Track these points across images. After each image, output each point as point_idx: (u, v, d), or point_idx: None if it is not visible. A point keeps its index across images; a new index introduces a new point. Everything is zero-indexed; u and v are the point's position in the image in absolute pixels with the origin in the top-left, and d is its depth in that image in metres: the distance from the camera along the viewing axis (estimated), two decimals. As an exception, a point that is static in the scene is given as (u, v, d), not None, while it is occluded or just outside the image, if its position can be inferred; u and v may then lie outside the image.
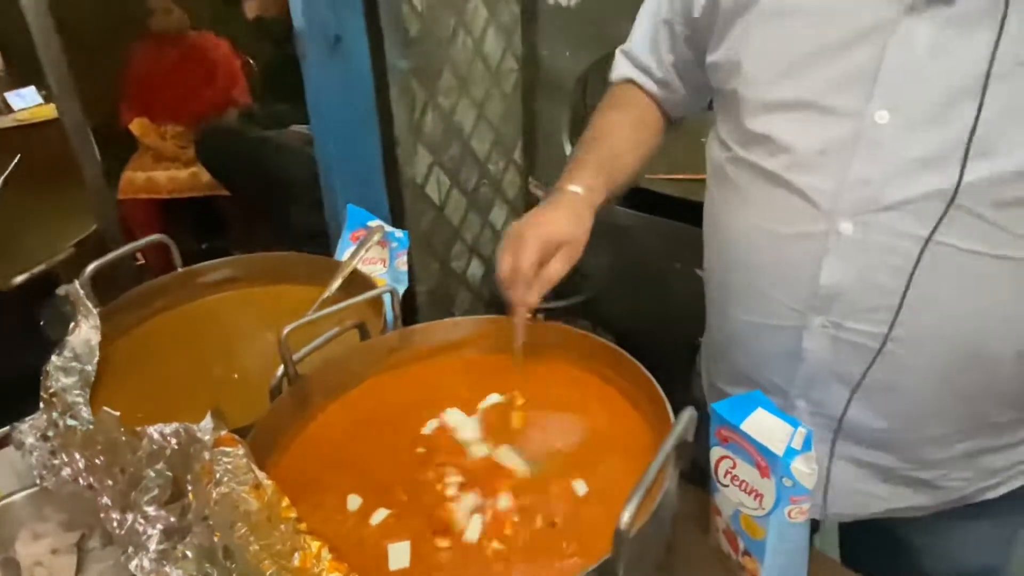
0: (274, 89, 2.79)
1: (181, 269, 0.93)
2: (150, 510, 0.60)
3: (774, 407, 0.61)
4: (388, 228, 1.08)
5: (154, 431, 0.60)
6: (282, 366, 0.63)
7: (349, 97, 1.17)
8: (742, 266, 0.75)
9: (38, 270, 1.04)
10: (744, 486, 0.62)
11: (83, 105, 2.95)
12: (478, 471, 0.60)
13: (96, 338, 0.80)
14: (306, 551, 0.44)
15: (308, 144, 2.19)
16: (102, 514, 0.64)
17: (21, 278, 1.01)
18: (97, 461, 0.66)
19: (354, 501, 0.57)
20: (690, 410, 0.49)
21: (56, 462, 0.71)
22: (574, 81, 1.43)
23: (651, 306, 1.37)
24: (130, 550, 0.61)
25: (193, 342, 0.88)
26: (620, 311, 1.42)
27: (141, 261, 1.64)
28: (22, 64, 3.03)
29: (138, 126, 2.95)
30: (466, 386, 0.70)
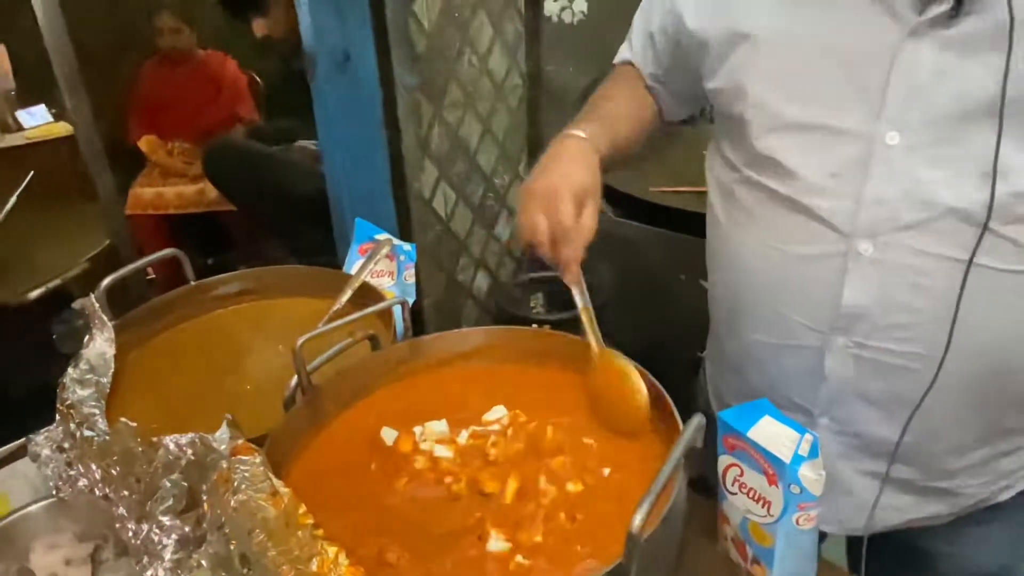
0: (280, 106, 2.82)
1: (193, 283, 0.94)
2: (165, 520, 0.61)
3: (780, 414, 0.62)
4: (396, 241, 1.09)
5: (170, 441, 0.61)
6: (296, 377, 0.64)
7: (357, 113, 1.18)
8: (756, 286, 0.74)
9: (53, 285, 1.05)
10: (752, 494, 0.62)
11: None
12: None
13: (111, 351, 0.80)
14: (323, 556, 0.45)
15: (314, 160, 2.22)
16: (118, 524, 0.65)
17: (36, 293, 1.02)
18: (113, 472, 0.66)
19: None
20: (698, 416, 0.50)
21: (72, 473, 0.72)
22: (577, 96, 1.45)
23: (656, 317, 1.38)
24: (145, 560, 0.61)
25: (205, 354, 0.88)
26: (625, 322, 1.42)
27: (151, 276, 1.65)
28: (32, 82, 3.07)
29: (146, 143, 2.98)
30: (475, 395, 0.70)
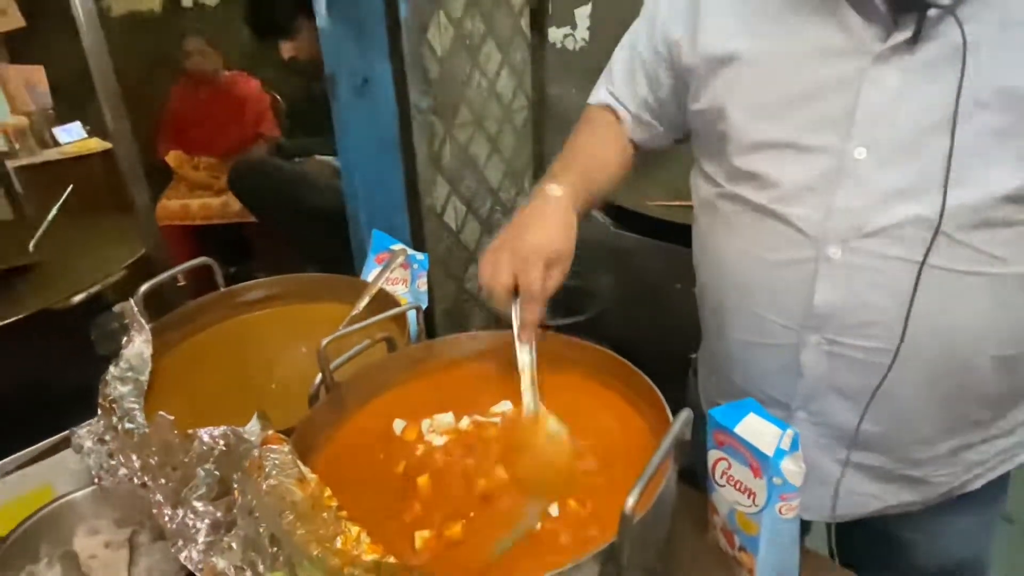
0: (299, 124, 2.86)
1: (223, 289, 0.97)
2: (199, 506, 0.63)
3: (765, 412, 0.64)
4: (410, 251, 1.12)
5: (204, 433, 0.63)
6: (320, 374, 0.67)
7: (374, 133, 1.21)
8: (735, 290, 0.77)
9: (94, 290, 1.08)
10: (739, 486, 0.65)
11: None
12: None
13: (148, 351, 0.83)
14: (347, 535, 0.47)
15: (331, 174, 2.25)
16: (155, 510, 0.66)
17: (79, 297, 1.05)
18: (152, 461, 0.68)
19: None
20: (687, 411, 0.52)
21: (113, 463, 0.74)
22: (578, 117, 1.48)
23: (652, 322, 1.40)
24: (180, 542, 0.64)
25: (234, 355, 0.91)
26: (622, 328, 1.45)
27: (182, 282, 1.69)
28: (68, 101, 3.13)
29: (174, 158, 3.02)
30: (483, 393, 0.72)
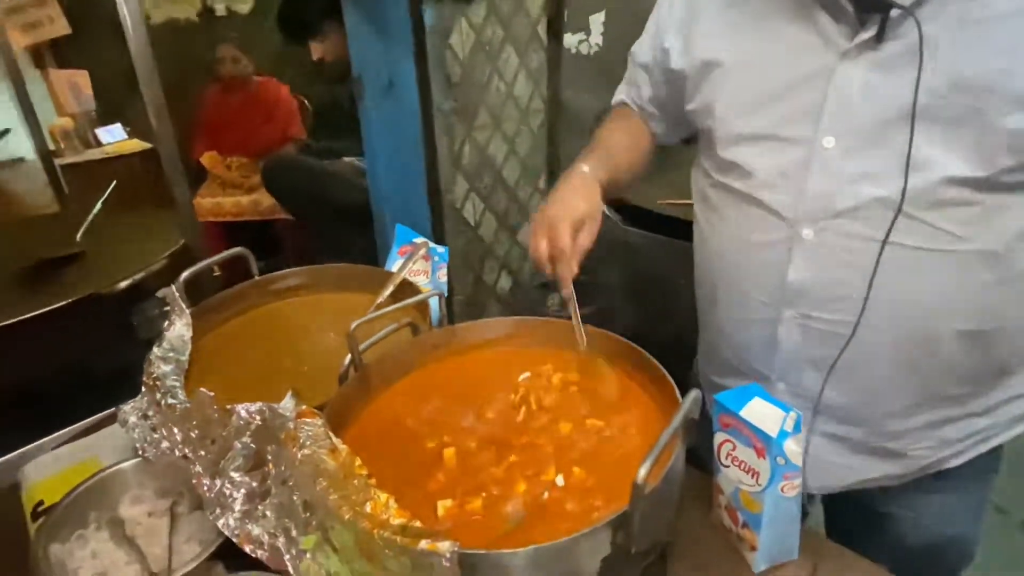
0: (325, 126, 2.89)
1: (257, 277, 0.99)
2: (235, 476, 0.64)
3: (769, 396, 0.65)
4: (431, 244, 1.13)
5: (241, 408, 0.64)
6: (349, 356, 0.68)
7: (399, 133, 1.22)
8: (724, 272, 0.81)
9: (137, 278, 1.10)
10: (743, 466, 0.65)
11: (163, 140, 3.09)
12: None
13: (188, 333, 0.85)
14: (376, 500, 0.48)
15: (358, 174, 2.27)
16: (194, 480, 0.68)
17: (124, 283, 1.08)
18: (192, 435, 0.70)
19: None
20: (695, 391, 0.53)
21: (156, 436, 0.75)
22: (592, 119, 1.49)
23: (657, 314, 1.40)
24: (217, 510, 0.65)
25: (267, 339, 0.92)
26: (630, 318, 1.45)
27: (217, 272, 1.71)
28: (109, 104, 3.18)
29: (207, 159, 3.06)
30: (501, 374, 0.74)
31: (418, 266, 1.12)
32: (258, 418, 0.64)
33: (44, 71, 3.06)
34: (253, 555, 0.60)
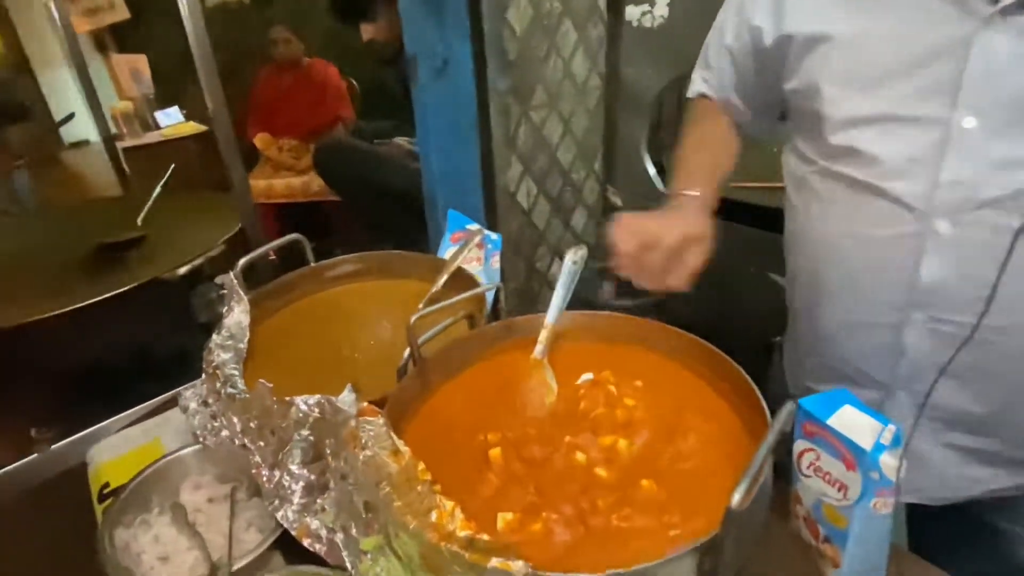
0: (373, 107, 2.89)
1: (313, 264, 0.98)
2: (295, 468, 0.64)
3: (861, 404, 0.59)
4: (485, 231, 1.10)
5: (300, 401, 0.63)
6: (408, 349, 0.66)
7: (453, 115, 1.19)
8: (835, 269, 0.73)
9: (197, 262, 1.11)
10: (827, 478, 0.60)
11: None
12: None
13: (246, 320, 0.85)
14: (441, 509, 0.46)
15: (408, 156, 2.26)
16: (254, 470, 0.68)
17: (184, 269, 1.09)
18: (252, 425, 0.69)
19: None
20: (791, 403, 0.48)
21: (216, 424, 0.76)
22: (653, 97, 1.41)
23: (721, 306, 1.34)
24: (276, 502, 0.65)
25: (323, 326, 0.92)
26: (691, 310, 1.39)
27: (272, 257, 1.74)
28: (167, 87, 3.27)
29: (260, 140, 3.11)
30: (559, 369, 0.70)
31: (472, 253, 1.09)
32: (317, 411, 0.63)
33: (106, 56, 3.16)
34: (311, 548, 0.59)
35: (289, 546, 0.63)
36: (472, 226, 1.11)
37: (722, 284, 1.33)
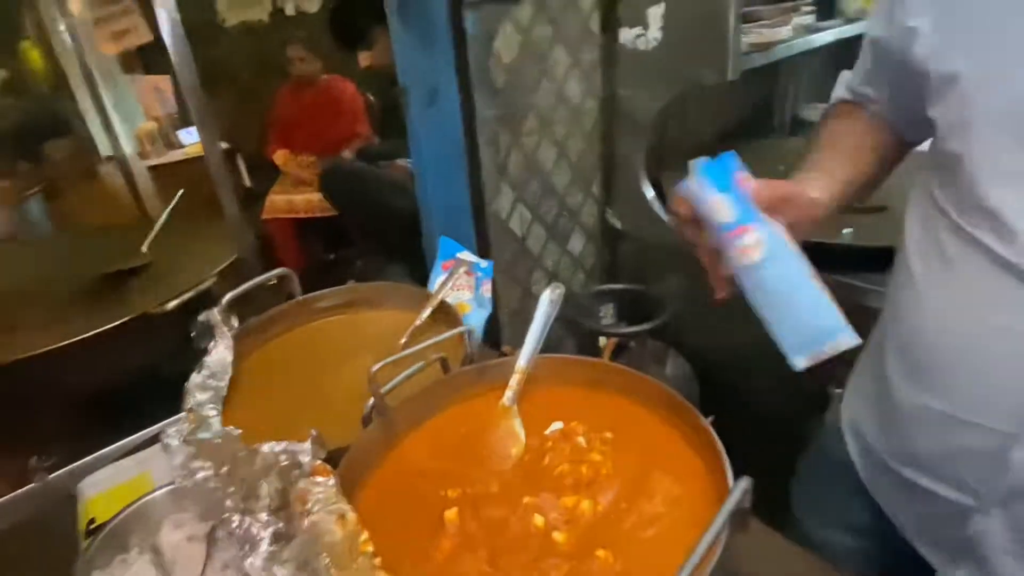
0: (391, 122, 2.90)
1: (299, 297, 0.97)
2: (263, 516, 0.62)
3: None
4: (473, 259, 1.08)
5: (266, 448, 0.63)
6: (372, 399, 0.64)
7: (443, 143, 1.18)
8: (945, 349, 0.60)
9: (186, 297, 1.11)
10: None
11: (237, 140, 3.18)
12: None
13: (230, 357, 0.84)
14: None
15: (411, 178, 2.26)
16: (225, 515, 0.67)
17: (172, 304, 1.09)
18: (223, 470, 0.69)
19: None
20: (745, 479, 0.44)
21: (194, 465, 0.75)
22: (651, 118, 1.38)
23: (726, 333, 1.29)
24: (247, 548, 0.64)
25: (308, 360, 0.91)
26: (697, 335, 1.34)
27: (274, 281, 1.75)
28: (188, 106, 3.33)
29: (280, 157, 3.15)
30: (529, 417, 0.67)
31: (462, 280, 1.08)
32: (283, 457, 0.62)
33: (132, 77, 3.23)
34: (279, 601, 0.57)
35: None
36: (462, 254, 1.10)
37: (726, 306, 1.29)
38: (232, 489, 0.68)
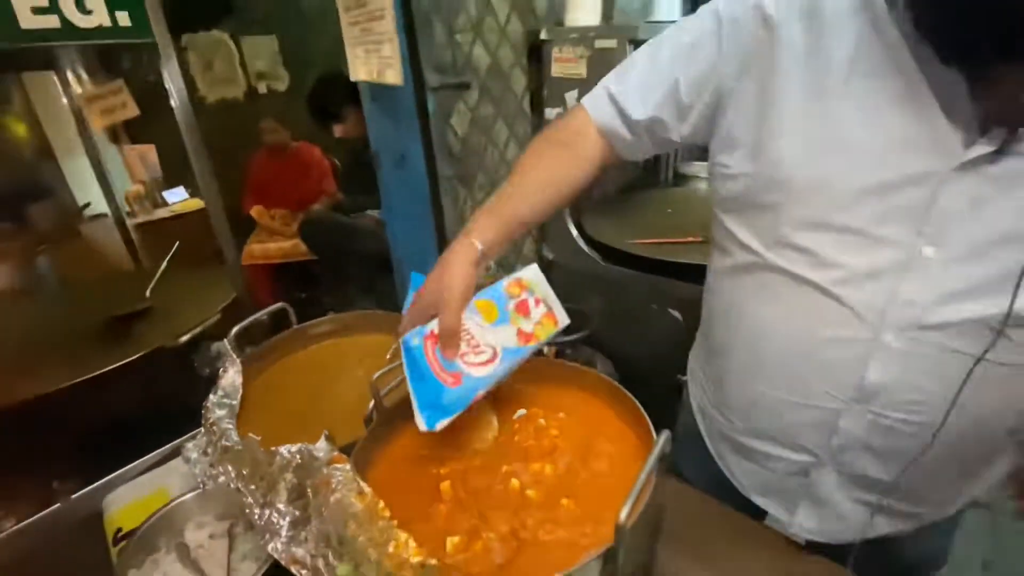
0: (351, 183, 2.91)
1: (296, 326, 0.98)
2: (281, 506, 0.63)
3: None
4: (441, 290, 1.12)
5: (283, 450, 0.64)
6: (372, 401, 0.67)
7: (410, 197, 1.22)
8: (775, 354, 0.64)
9: (196, 331, 1.09)
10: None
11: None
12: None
13: (239, 379, 0.84)
14: (397, 540, 0.47)
15: (380, 226, 2.27)
16: (247, 510, 0.67)
17: (185, 338, 1.07)
18: (244, 472, 0.69)
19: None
20: (666, 432, 0.50)
21: (214, 472, 0.75)
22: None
23: (637, 338, 1.39)
24: (267, 536, 0.64)
25: (307, 380, 0.92)
26: (614, 343, 1.44)
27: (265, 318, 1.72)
28: (173, 169, 3.21)
29: (255, 211, 3.08)
30: (500, 407, 0.72)
31: (430, 308, 1.11)
32: (298, 457, 0.64)
33: (119, 146, 3.09)
34: (298, 574, 0.59)
35: (280, 573, 0.63)
36: (430, 286, 1.14)
37: (633, 320, 1.39)
38: (252, 487, 0.69)
